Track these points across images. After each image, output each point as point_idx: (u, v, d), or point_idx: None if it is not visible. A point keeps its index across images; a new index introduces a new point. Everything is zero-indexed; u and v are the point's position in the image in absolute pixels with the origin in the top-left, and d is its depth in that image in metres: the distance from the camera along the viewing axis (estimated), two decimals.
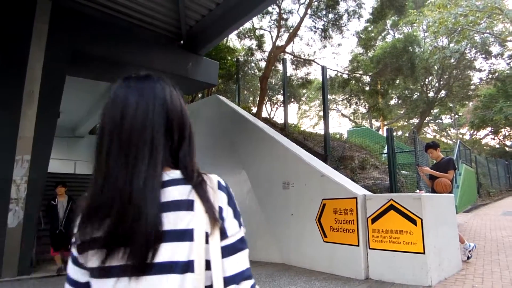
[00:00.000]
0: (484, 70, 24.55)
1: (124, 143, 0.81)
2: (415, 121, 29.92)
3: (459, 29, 17.80)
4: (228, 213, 0.85)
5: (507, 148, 31.22)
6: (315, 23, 14.99)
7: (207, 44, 8.95)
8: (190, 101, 12.99)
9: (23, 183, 6.35)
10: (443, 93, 25.09)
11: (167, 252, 0.76)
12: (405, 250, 4.69)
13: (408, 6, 17.33)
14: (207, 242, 0.79)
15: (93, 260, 0.77)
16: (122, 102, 0.85)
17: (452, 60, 21.76)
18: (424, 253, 4.51)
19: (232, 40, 18.88)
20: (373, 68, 16.59)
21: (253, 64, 16.92)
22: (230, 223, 0.85)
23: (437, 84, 24.88)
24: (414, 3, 20.26)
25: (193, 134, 0.94)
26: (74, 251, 0.83)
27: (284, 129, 11.11)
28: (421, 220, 4.59)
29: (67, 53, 7.09)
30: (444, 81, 24.27)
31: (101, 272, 0.77)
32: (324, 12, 14.62)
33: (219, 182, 0.88)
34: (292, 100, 19.79)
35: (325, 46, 15.94)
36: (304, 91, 24.63)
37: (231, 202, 0.87)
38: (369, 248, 5.11)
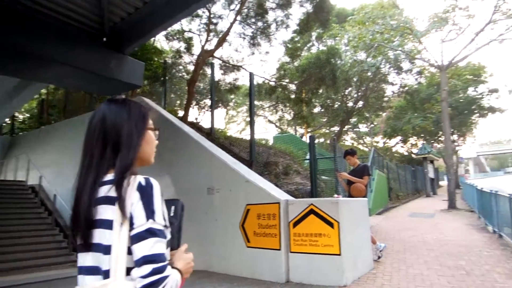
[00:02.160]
0: (396, 84, 26.71)
1: (82, 150, 1.14)
2: (336, 129, 31.68)
3: (376, 45, 19.24)
4: (137, 208, 1.02)
5: (413, 156, 34.31)
6: (244, 30, 15.22)
7: (132, 43, 8.52)
8: None
9: None
10: (360, 103, 26.90)
11: (97, 236, 1.04)
12: (323, 252, 4.90)
13: (331, 20, 18.36)
14: None
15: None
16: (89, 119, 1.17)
17: (369, 74, 23.41)
18: (340, 254, 4.75)
19: (160, 41, 18.31)
20: (299, 77, 17.24)
21: (181, 67, 16.56)
22: (138, 217, 1.01)
23: (355, 95, 26.63)
24: (337, 18, 21.52)
25: (134, 144, 1.14)
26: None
27: (211, 134, 11.01)
28: (338, 223, 4.83)
29: None
30: (362, 93, 26.03)
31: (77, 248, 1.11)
32: (253, 20, 14.89)
33: (139, 183, 1.06)
34: (220, 105, 19.73)
35: (253, 53, 16.19)
36: (232, 96, 24.72)
37: (145, 199, 1.03)
38: (290, 252, 5.25)
